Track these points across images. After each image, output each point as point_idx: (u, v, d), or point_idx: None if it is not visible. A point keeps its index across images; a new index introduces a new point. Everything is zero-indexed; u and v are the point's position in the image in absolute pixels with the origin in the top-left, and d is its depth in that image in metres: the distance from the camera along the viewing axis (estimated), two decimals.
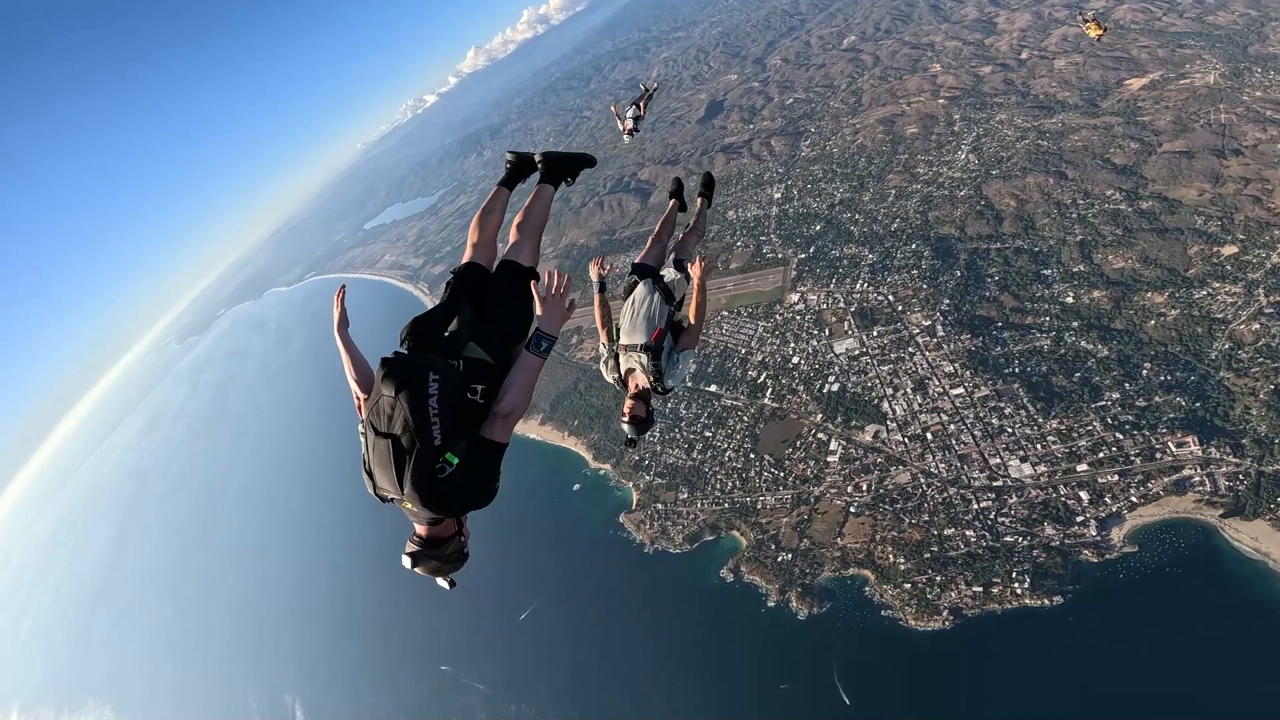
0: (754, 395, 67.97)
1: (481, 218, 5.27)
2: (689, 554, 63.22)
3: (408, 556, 4.22)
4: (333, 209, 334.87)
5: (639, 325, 6.47)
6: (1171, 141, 69.82)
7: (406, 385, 3.83)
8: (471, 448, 3.91)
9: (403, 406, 3.79)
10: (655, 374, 6.29)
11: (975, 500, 52.97)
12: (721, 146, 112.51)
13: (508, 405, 4.05)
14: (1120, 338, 56.28)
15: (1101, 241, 63.63)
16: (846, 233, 78.35)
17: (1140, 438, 50.67)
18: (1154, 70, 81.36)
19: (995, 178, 75.45)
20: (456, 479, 3.84)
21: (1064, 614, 47.31)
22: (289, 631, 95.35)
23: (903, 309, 65.99)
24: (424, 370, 3.93)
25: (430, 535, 4.23)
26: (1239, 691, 40.55)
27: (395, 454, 3.79)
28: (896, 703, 49.01)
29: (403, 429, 3.78)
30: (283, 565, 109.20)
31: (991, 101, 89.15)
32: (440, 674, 73.88)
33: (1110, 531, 48.99)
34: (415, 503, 3.86)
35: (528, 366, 4.18)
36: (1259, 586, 44.40)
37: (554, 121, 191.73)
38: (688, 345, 6.58)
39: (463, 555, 4.48)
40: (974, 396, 57.17)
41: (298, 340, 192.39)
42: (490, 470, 4.04)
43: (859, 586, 54.28)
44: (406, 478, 3.78)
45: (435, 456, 3.80)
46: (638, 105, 23.32)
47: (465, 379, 4.07)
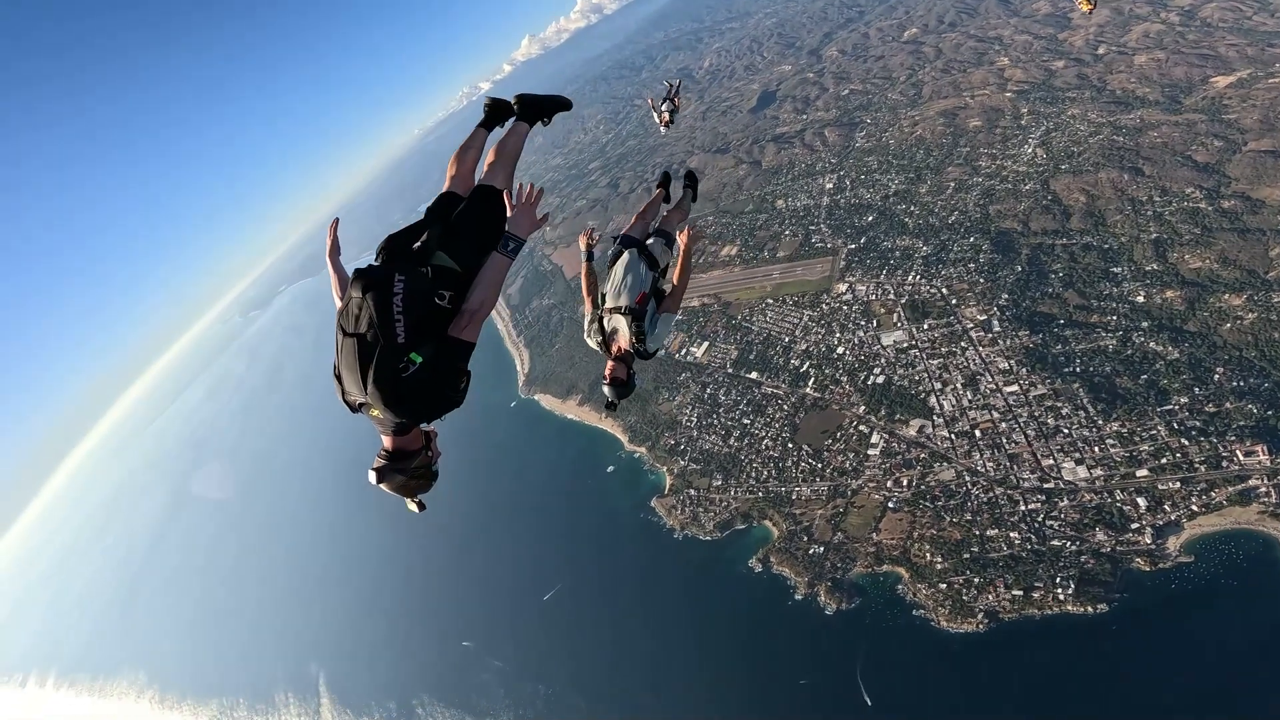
0: (795, 384, 66.37)
1: (460, 154, 5.24)
2: (718, 542, 62.12)
3: (373, 471, 4.17)
4: (390, 191, 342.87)
5: (624, 290, 6.54)
6: (1258, 140, 65.58)
7: (373, 287, 3.90)
8: (438, 346, 3.90)
9: (369, 306, 3.84)
10: (638, 335, 6.32)
11: (1023, 501, 50.60)
12: (773, 136, 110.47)
13: (475, 302, 4.09)
14: (1192, 340, 52.99)
15: (1178, 240, 60.05)
16: (900, 224, 75.87)
17: (1207, 444, 47.66)
18: (1242, 69, 76.62)
19: (1064, 172, 71.99)
20: (420, 377, 3.80)
21: (1107, 622, 44.91)
22: (318, 602, 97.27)
23: (957, 303, 63.44)
24: (390, 273, 4.02)
25: (397, 447, 4.20)
26: None
27: (360, 352, 3.82)
28: (920, 706, 47.28)
29: (368, 327, 3.82)
30: (317, 537, 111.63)
31: (1063, 96, 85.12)
32: (462, 650, 74.22)
33: (1166, 540, 46.30)
34: (378, 402, 3.81)
35: (496, 266, 4.23)
36: None
37: (605, 109, 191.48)
38: (670, 309, 6.58)
39: (430, 473, 4.44)
40: (1029, 395, 54.56)
41: None
42: (455, 368, 3.98)
43: (891, 584, 52.51)
44: (371, 374, 3.76)
45: (399, 354, 3.79)
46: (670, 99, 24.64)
47: (433, 284, 4.10)
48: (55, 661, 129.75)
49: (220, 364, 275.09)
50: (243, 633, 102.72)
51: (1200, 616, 43.34)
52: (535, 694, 64.91)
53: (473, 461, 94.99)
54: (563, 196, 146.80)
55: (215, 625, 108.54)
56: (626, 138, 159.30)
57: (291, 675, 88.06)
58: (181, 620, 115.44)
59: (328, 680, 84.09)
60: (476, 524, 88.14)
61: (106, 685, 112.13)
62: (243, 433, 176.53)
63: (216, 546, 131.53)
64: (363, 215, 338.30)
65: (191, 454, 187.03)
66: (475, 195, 4.81)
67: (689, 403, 72.31)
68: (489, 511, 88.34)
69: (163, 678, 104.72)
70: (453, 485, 57.18)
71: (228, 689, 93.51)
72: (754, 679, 54.18)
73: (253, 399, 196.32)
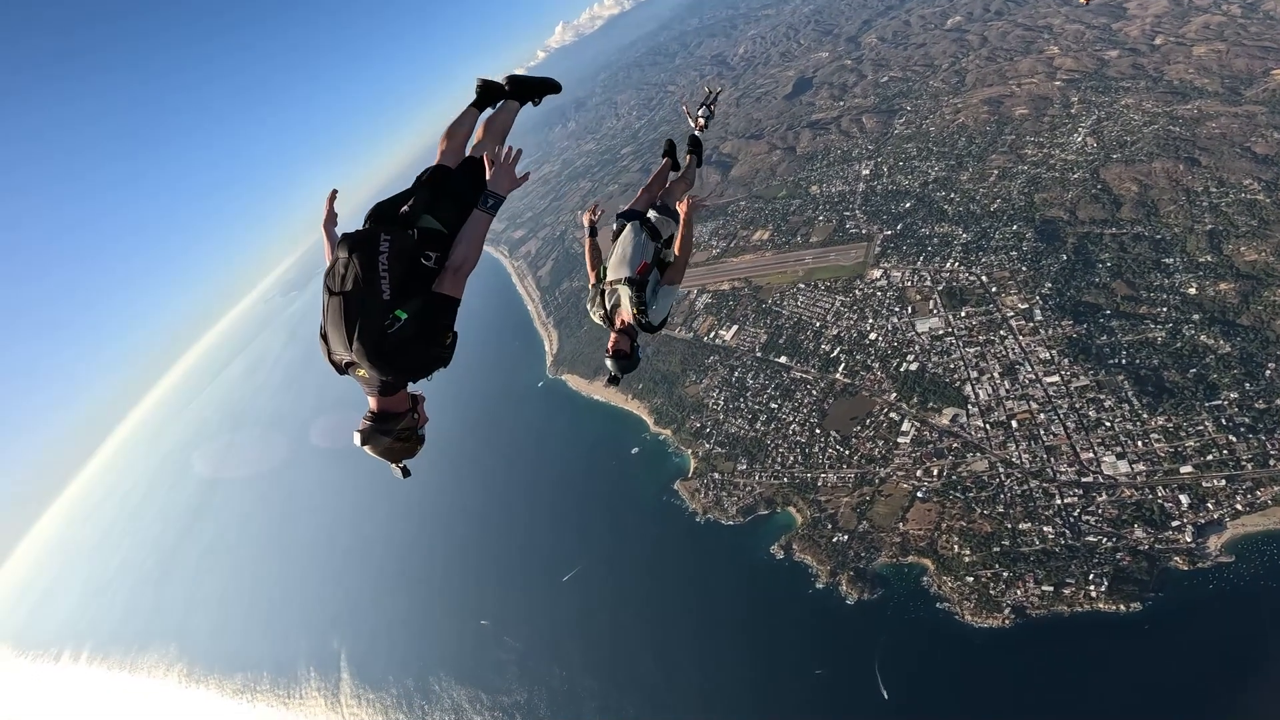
0: (825, 369, 65.03)
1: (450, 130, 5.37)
2: (741, 527, 61.20)
3: (358, 434, 4.15)
4: None
5: (625, 261, 6.44)
6: None
7: (358, 246, 3.96)
8: (424, 303, 3.94)
9: (354, 265, 3.87)
10: (640, 306, 6.22)
11: (1059, 495, 48.81)
12: (808, 122, 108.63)
13: (458, 258, 4.11)
14: (1245, 334, 50.64)
15: (1234, 232, 57.46)
16: (939, 211, 73.91)
17: (1255, 442, 45.42)
18: None
19: (1116, 162, 69.34)
20: (405, 333, 3.83)
21: (1139, 621, 43.03)
22: (343, 578, 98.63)
23: (997, 290, 61.52)
24: (376, 232, 4.11)
25: (382, 409, 4.17)
26: None
27: (346, 310, 3.82)
28: (938, 702, 45.85)
29: (353, 285, 3.84)
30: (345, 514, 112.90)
31: (1116, 86, 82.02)
32: (479, 628, 74.41)
33: (1207, 539, 44.22)
34: (363, 359, 3.81)
35: (476, 222, 4.23)
36: None
37: (638, 95, 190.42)
38: (672, 280, 6.49)
39: (416, 437, 4.37)
40: (1070, 386, 52.61)
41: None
42: (440, 324, 4.01)
43: (916, 576, 50.97)
44: (356, 332, 3.75)
45: (385, 311, 3.82)
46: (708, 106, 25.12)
47: (419, 245, 4.18)
48: (90, 636, 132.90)
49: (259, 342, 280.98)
50: (270, 607, 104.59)
51: (1238, 619, 41.37)
52: (548, 675, 64.78)
53: (498, 441, 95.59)
54: (595, 181, 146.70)
55: (245, 600, 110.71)
56: (660, 123, 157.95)
57: (314, 650, 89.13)
58: (213, 595, 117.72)
59: (349, 655, 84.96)
60: (499, 503, 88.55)
61: (138, 660, 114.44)
62: (280, 408, 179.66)
63: (250, 522, 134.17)
64: None
65: (230, 430, 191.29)
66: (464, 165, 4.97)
67: (716, 386, 71.37)
68: (512, 491, 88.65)
69: (191, 652, 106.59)
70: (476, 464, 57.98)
71: (253, 663, 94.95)
72: (770, 668, 53.20)
73: (293, 375, 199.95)
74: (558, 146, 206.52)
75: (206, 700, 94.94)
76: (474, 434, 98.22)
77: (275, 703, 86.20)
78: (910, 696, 46.95)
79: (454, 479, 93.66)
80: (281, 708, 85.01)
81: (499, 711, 65.62)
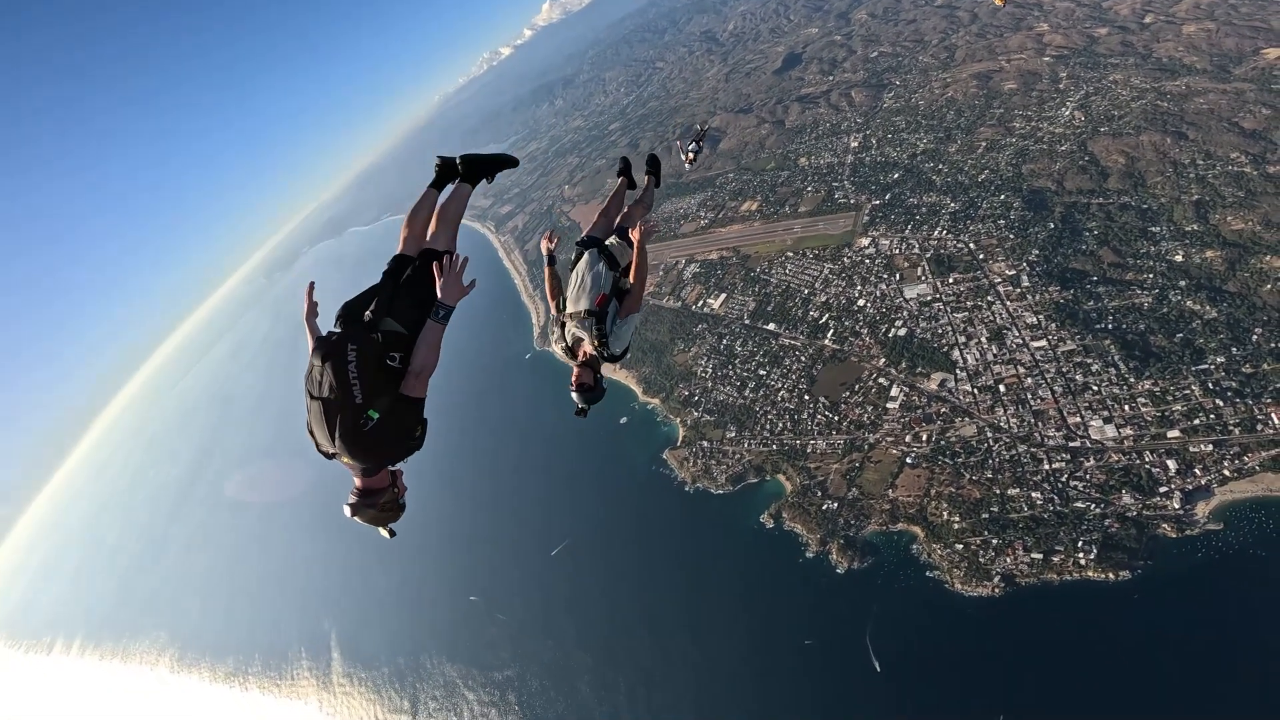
0: (814, 336, 64.60)
1: (411, 216, 5.69)
2: (730, 495, 60.67)
3: (348, 507, 4.63)
4: (410, 154, 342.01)
5: (584, 292, 6.38)
6: None
7: (330, 356, 4.37)
8: (393, 402, 4.38)
9: (328, 374, 4.31)
10: (600, 338, 6.18)
11: (1047, 460, 48.73)
12: (797, 97, 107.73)
13: (417, 365, 4.51)
14: (1232, 300, 50.79)
15: (1221, 202, 57.64)
16: (927, 182, 73.63)
17: (1242, 406, 45.57)
18: None
19: (1103, 135, 69.44)
20: (379, 430, 4.33)
21: (1128, 590, 42.82)
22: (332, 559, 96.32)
23: (984, 257, 61.29)
24: (344, 342, 4.47)
25: (366, 486, 4.63)
26: None
27: (326, 413, 4.31)
28: (929, 672, 45.42)
29: (330, 392, 4.30)
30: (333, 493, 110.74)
31: (1105, 62, 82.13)
32: (469, 605, 73.47)
33: (1195, 505, 44.21)
34: (345, 453, 4.37)
35: (431, 331, 4.61)
36: None
37: (627, 72, 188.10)
38: (630, 310, 6.36)
39: (398, 506, 4.83)
40: (1058, 350, 52.52)
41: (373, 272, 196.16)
42: (409, 421, 4.46)
43: (906, 543, 50.65)
44: (336, 432, 4.28)
45: (359, 413, 4.28)
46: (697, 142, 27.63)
47: (384, 348, 4.54)
48: (81, 625, 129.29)
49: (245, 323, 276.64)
50: (260, 589, 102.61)
51: (1227, 588, 41.36)
52: (540, 649, 64.04)
53: (486, 413, 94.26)
54: (583, 156, 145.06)
55: (234, 582, 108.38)
56: (648, 99, 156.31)
57: (304, 631, 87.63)
58: (203, 579, 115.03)
59: (339, 636, 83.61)
60: (486, 476, 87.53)
61: (129, 647, 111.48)
62: (268, 388, 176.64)
63: (239, 503, 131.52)
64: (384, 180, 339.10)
65: (219, 410, 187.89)
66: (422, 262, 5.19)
67: (704, 354, 70.74)
68: (499, 464, 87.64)
69: (183, 638, 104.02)
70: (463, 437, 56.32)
71: (243, 646, 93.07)
72: (762, 640, 52.75)
73: (279, 356, 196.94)
74: (545, 124, 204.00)
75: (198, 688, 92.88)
76: (461, 407, 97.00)
77: (267, 686, 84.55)
78: (901, 668, 46.53)
79: (441, 453, 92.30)
80: (274, 691, 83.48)
81: (491, 688, 64.70)
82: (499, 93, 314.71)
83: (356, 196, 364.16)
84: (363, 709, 73.28)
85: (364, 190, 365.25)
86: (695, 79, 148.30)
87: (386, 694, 72.52)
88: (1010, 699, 42.33)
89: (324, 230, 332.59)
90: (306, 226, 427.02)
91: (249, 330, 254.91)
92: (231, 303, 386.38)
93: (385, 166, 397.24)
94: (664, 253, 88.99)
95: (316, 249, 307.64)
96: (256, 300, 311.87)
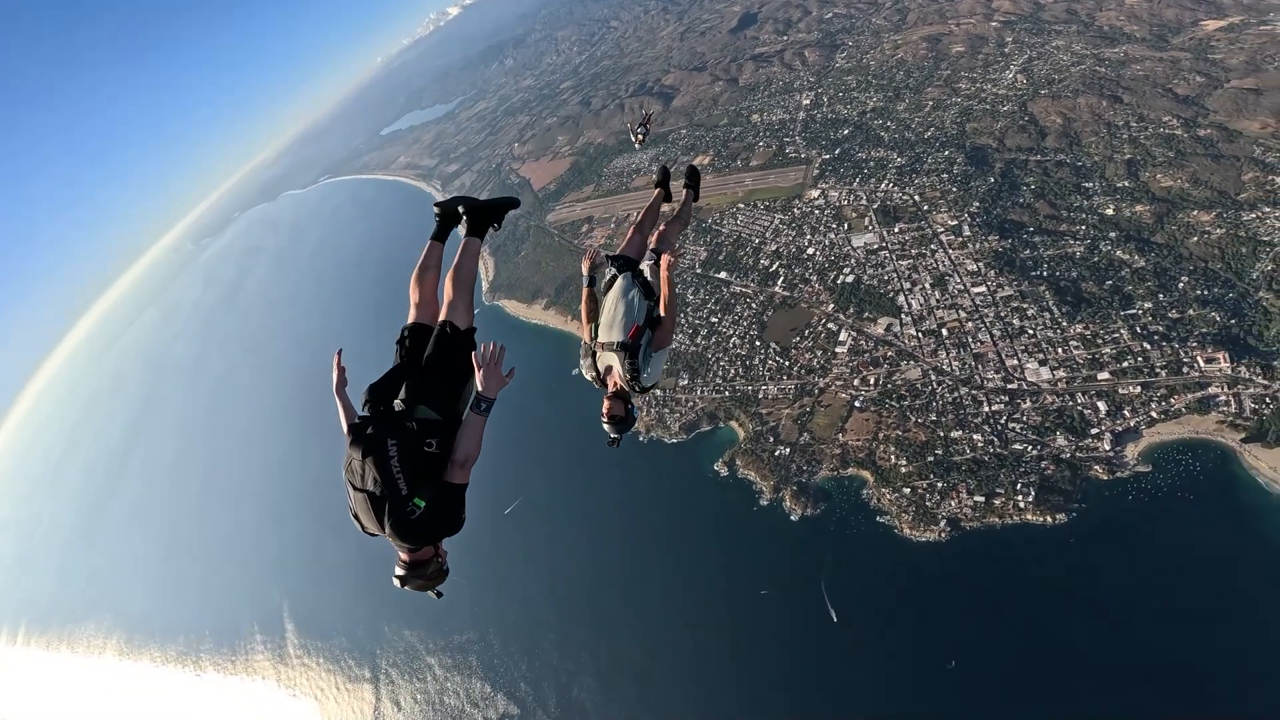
0: (765, 283, 64.84)
1: (419, 276, 5.58)
2: (684, 444, 60.38)
3: (397, 579, 4.84)
4: (350, 118, 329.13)
5: (617, 322, 6.25)
6: (1241, 79, 65.30)
7: (371, 452, 4.47)
8: (437, 490, 4.53)
9: (370, 468, 4.44)
10: (632, 373, 6.04)
11: (987, 402, 50.07)
12: (752, 55, 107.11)
13: (461, 455, 4.61)
14: (1159, 250, 52.88)
15: (1151, 161, 59.87)
16: (876, 138, 74.56)
17: (1168, 349, 47.57)
18: (1235, 15, 76.21)
19: (1044, 96, 71.38)
20: (426, 517, 4.50)
21: (1065, 534, 44.22)
22: (280, 528, 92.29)
23: (929, 209, 62.42)
24: (383, 438, 4.55)
25: (413, 560, 4.79)
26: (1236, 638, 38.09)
27: (373, 504, 4.46)
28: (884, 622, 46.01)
29: (374, 484, 4.44)
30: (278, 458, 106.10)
31: (1049, 28, 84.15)
32: None
33: (1125, 447, 45.94)
34: (394, 539, 4.57)
35: (473, 424, 4.67)
36: (1273, 520, 41.22)
37: (580, 31, 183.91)
38: (662, 344, 6.26)
39: (443, 572, 5.01)
40: (996, 296, 53.92)
41: (310, 235, 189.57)
42: (454, 507, 4.61)
43: (857, 488, 51.24)
44: (386, 521, 4.45)
45: (405, 503, 4.45)
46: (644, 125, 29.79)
47: (420, 436, 4.62)
48: (25, 612, 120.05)
49: (174, 289, 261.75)
50: (206, 563, 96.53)
51: (1156, 533, 42.79)
52: (501, 610, 62.71)
53: None
54: (533, 115, 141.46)
55: (179, 557, 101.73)
56: (601, 58, 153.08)
57: (256, 605, 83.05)
58: (146, 554, 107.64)
59: (292, 608, 79.75)
60: None
61: (75, 632, 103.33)
62: (201, 354, 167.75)
63: (179, 472, 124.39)
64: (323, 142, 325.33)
65: (151, 378, 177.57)
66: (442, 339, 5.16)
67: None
68: None
69: (128, 619, 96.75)
70: None
71: (194, 625, 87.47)
72: (721, 590, 52.65)
73: (212, 320, 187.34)
74: (494, 83, 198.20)
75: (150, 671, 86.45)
76: None
77: (222, 664, 79.94)
78: (857, 618, 46.99)
79: None
80: (229, 669, 78.92)
81: (452, 651, 63.03)
82: (446, 53, 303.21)
83: (293, 159, 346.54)
84: (323, 679, 70.49)
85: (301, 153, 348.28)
86: (650, 38, 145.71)
87: (345, 664, 69.75)
88: (961, 646, 43.29)
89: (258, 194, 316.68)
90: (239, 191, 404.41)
91: (178, 297, 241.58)
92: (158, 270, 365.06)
93: (324, 129, 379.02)
94: (615, 206, 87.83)
95: (251, 213, 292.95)
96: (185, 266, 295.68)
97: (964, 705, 41.68)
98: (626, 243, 7.06)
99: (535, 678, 57.13)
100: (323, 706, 68.10)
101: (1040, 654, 41.48)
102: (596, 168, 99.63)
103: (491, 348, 4.93)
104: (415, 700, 62.65)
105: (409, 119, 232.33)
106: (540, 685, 56.55)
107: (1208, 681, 37.71)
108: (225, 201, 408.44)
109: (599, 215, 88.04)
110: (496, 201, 5.92)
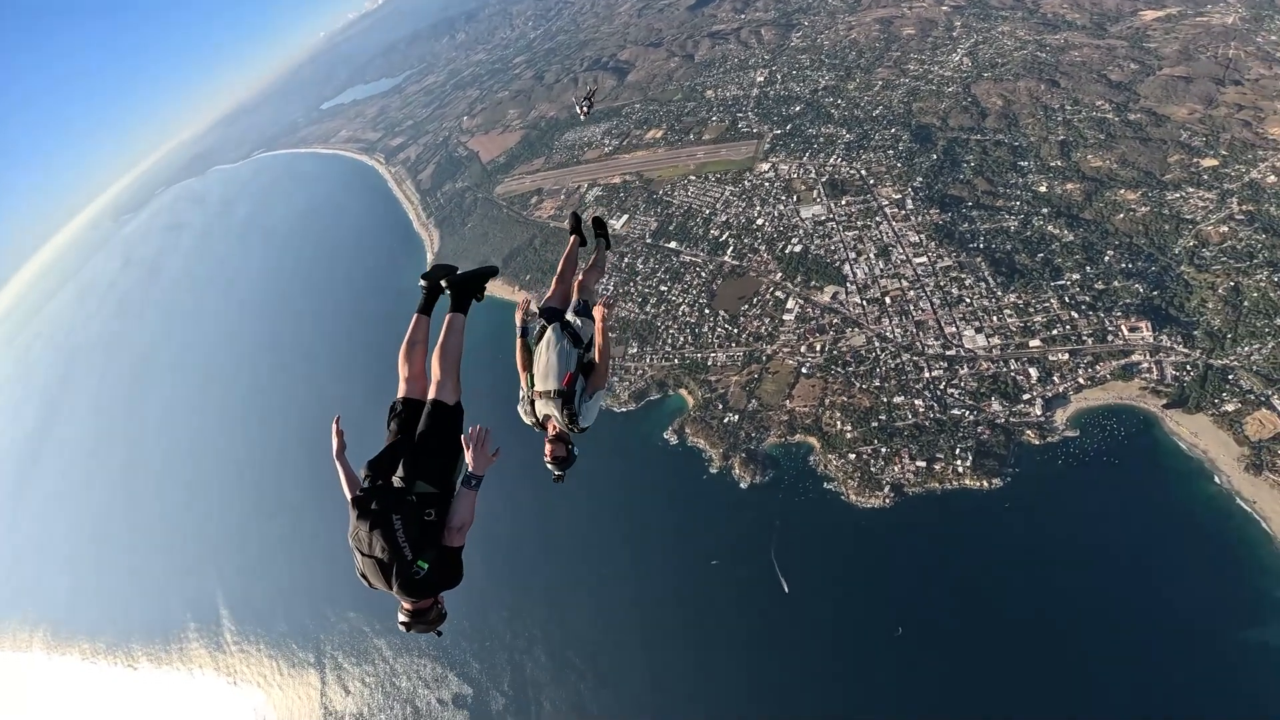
0: (714, 253, 65.26)
1: (407, 351, 5.95)
2: (634, 412, 59.98)
3: (402, 625, 5.31)
4: (287, 93, 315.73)
5: (552, 372, 6.45)
6: (1173, 67, 68.42)
7: (378, 525, 4.96)
8: (439, 554, 5.07)
9: (378, 539, 4.93)
10: (570, 418, 6.31)
11: (927, 368, 51.54)
12: (709, 32, 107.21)
13: (458, 523, 5.19)
14: (1087, 226, 55.23)
15: (1083, 143, 62.46)
16: (826, 115, 75.69)
17: (1095, 318, 49.87)
18: (1173, 5, 79.44)
19: (986, 79, 73.70)
20: (430, 578, 5.02)
21: (1001, 498, 45.71)
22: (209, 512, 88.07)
23: (874, 183, 63.87)
24: (388, 512, 5.03)
25: (417, 608, 5.27)
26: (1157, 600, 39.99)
27: (382, 569, 4.97)
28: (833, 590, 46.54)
29: (382, 552, 4.94)
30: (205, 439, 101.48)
31: (996, 14, 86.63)
32: None
33: (1055, 413, 47.87)
34: (403, 597, 5.11)
35: (466, 497, 5.26)
36: (1192, 485, 43.40)
37: (536, 6, 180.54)
38: (597, 386, 6.46)
39: (442, 616, 5.45)
40: (936, 266, 55.60)
41: (239, 210, 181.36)
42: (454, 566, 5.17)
43: (804, 455, 51.76)
44: (394, 582, 4.97)
45: (410, 566, 4.97)
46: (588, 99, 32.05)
47: (419, 508, 5.14)
48: None
49: (90, 268, 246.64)
50: (132, 551, 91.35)
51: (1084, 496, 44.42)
52: None
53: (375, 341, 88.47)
54: (483, 89, 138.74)
55: (101, 546, 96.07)
56: (557, 33, 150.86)
57: (187, 594, 78.82)
58: (66, 545, 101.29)
59: (226, 595, 76.11)
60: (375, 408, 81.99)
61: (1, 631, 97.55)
62: (119, 335, 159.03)
63: (98, 459, 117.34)
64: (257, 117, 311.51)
65: (64, 362, 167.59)
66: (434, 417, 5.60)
67: (605, 272, 69.41)
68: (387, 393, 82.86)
69: (52, 614, 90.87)
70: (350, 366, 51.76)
71: (121, 616, 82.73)
72: (674, 560, 52.35)
73: (128, 300, 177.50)
74: (444, 58, 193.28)
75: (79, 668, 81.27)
76: (350, 335, 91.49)
77: (155, 657, 75.68)
78: (808, 586, 47.29)
79: (327, 384, 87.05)
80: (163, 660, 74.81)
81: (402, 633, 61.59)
82: (395, 28, 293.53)
83: (225, 133, 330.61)
84: (265, 665, 67.63)
85: (233, 126, 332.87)
86: (607, 14, 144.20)
87: (288, 649, 67.15)
88: (907, 612, 44.02)
89: (184, 170, 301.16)
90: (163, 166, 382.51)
91: (95, 275, 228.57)
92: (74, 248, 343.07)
93: (258, 103, 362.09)
94: (566, 178, 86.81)
95: (175, 189, 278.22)
96: (103, 244, 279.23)
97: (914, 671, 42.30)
98: (551, 293, 7.30)
99: (487, 656, 56.29)
100: (268, 695, 65.73)
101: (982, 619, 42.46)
102: (547, 140, 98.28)
103: (478, 431, 5.37)
104: (365, 684, 61.16)
105: (352, 93, 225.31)
106: (493, 663, 55.80)
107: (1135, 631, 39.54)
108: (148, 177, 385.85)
109: (549, 187, 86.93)
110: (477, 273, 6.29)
